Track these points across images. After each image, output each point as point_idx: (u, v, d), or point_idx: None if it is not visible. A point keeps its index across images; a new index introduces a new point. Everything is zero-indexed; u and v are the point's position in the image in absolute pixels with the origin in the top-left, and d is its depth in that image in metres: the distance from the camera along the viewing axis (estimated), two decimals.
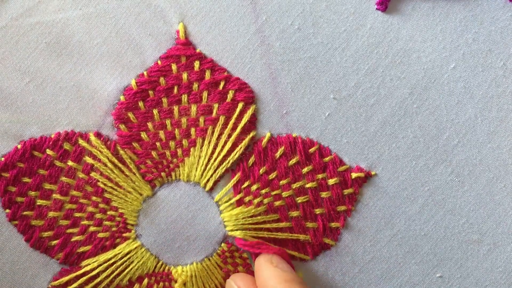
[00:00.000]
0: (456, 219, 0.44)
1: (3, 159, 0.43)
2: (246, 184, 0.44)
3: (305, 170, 0.44)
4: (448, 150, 0.44)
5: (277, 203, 0.44)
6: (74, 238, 0.44)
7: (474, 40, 0.43)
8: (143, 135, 0.43)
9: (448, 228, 0.44)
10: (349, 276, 0.45)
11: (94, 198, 0.44)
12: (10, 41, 0.43)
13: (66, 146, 0.43)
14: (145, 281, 0.44)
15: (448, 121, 0.44)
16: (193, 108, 0.43)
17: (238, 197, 0.44)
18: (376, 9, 0.43)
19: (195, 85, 0.43)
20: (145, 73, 0.43)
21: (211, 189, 0.44)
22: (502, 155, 0.44)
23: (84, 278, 0.44)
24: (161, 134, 0.44)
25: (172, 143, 0.44)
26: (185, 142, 0.44)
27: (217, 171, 0.44)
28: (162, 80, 0.43)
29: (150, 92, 0.43)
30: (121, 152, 0.43)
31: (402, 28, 0.43)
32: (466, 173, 0.44)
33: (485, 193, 0.44)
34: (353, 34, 0.43)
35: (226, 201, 0.44)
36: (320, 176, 0.44)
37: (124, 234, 0.44)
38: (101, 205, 0.44)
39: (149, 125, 0.43)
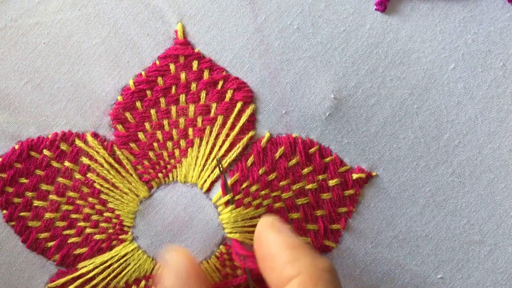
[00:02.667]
0: (457, 220, 0.44)
1: (0, 159, 0.43)
2: (245, 184, 0.43)
3: (305, 171, 0.43)
4: (448, 150, 0.44)
5: (276, 204, 0.44)
6: (71, 240, 0.43)
7: (474, 41, 0.43)
8: (141, 135, 0.43)
9: (449, 229, 0.44)
10: (350, 279, 0.44)
11: (90, 199, 0.43)
12: (9, 42, 0.43)
13: (63, 146, 0.43)
14: (142, 283, 0.44)
15: (448, 122, 0.43)
16: (191, 108, 0.43)
17: (237, 197, 0.44)
18: (375, 9, 0.43)
19: (193, 85, 0.43)
20: (143, 73, 0.43)
21: (209, 190, 0.44)
22: (503, 155, 0.44)
23: (81, 280, 0.43)
24: (159, 134, 0.43)
25: (169, 144, 0.43)
26: (182, 142, 0.43)
27: (214, 172, 0.44)
28: (160, 80, 0.43)
29: (148, 92, 0.43)
30: (118, 152, 0.43)
31: (402, 28, 0.43)
32: (467, 174, 0.44)
33: (486, 193, 0.44)
34: (353, 34, 0.43)
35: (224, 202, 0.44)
36: (320, 177, 0.44)
37: (120, 236, 0.44)
38: (98, 207, 0.43)
39: (147, 125, 0.43)
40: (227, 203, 0.43)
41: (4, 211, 0.43)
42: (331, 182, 0.43)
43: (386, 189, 0.44)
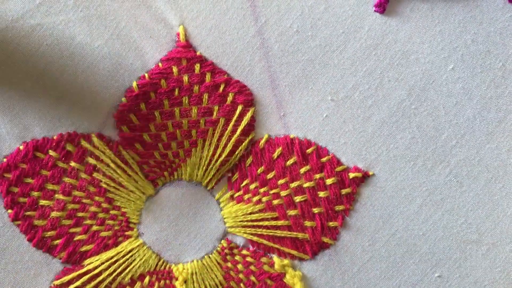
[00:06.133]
0: (455, 219, 0.44)
1: (5, 160, 0.43)
2: (244, 182, 0.44)
3: (302, 170, 0.44)
4: (446, 150, 0.44)
5: (275, 201, 0.44)
6: (77, 237, 0.44)
7: (473, 41, 0.43)
8: (145, 136, 0.44)
9: (447, 228, 0.44)
10: (348, 276, 0.45)
11: (97, 198, 0.44)
12: (11, 43, 0.43)
13: (69, 147, 0.44)
14: (147, 279, 0.45)
15: (446, 122, 0.44)
16: (194, 110, 0.44)
17: (237, 194, 0.44)
18: (374, 11, 0.43)
19: (196, 88, 0.44)
20: (146, 75, 0.43)
21: (213, 188, 0.45)
22: (501, 155, 0.44)
23: (87, 276, 0.44)
24: (163, 135, 0.44)
25: (173, 144, 0.44)
26: (186, 142, 0.44)
27: (219, 171, 0.44)
28: (163, 82, 0.43)
29: (152, 94, 0.43)
30: (124, 152, 0.44)
31: (401, 29, 0.43)
32: (464, 174, 0.44)
33: (484, 193, 0.44)
34: (351, 36, 0.43)
35: (226, 198, 0.45)
36: (317, 176, 0.44)
37: (126, 233, 0.45)
38: (104, 205, 0.44)
39: (151, 126, 0.44)
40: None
41: (10, 211, 0.44)
42: (328, 181, 0.44)
43: (383, 188, 0.44)
